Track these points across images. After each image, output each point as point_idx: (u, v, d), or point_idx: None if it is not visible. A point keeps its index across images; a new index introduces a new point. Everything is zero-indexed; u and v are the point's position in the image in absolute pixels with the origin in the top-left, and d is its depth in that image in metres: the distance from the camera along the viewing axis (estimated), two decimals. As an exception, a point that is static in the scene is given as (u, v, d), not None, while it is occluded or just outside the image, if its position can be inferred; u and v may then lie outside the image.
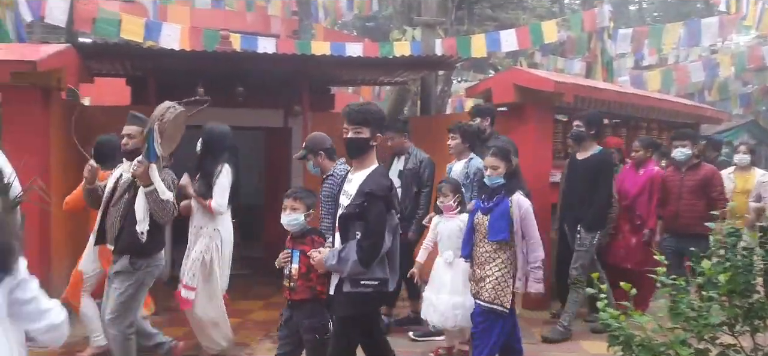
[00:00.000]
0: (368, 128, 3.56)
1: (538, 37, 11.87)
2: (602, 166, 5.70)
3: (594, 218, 5.64)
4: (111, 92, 9.16)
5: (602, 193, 5.64)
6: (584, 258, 5.65)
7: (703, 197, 5.79)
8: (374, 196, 3.38)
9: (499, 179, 4.27)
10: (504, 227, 4.18)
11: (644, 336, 3.01)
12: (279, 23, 14.54)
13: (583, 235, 5.63)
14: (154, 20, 10.35)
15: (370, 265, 3.38)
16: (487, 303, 4.21)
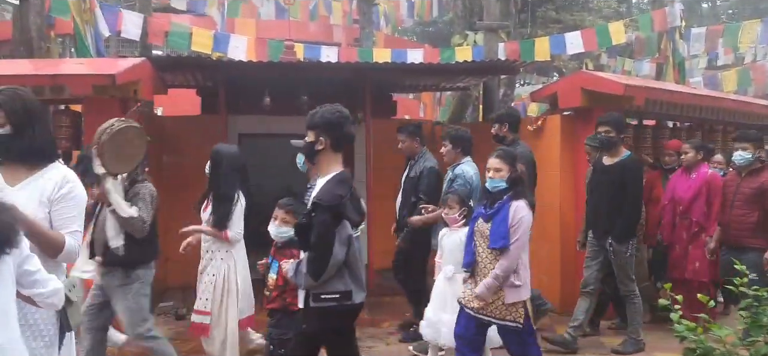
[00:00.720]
0: (314, 132, 3.40)
1: (604, 38, 11.56)
2: (631, 172, 5.33)
3: (624, 228, 5.27)
4: (183, 102, 9.53)
5: (632, 201, 5.29)
6: (626, 272, 5.34)
7: (758, 207, 5.28)
8: (320, 206, 3.20)
9: (501, 183, 4.05)
10: (504, 234, 3.93)
11: (724, 349, 2.89)
12: (341, 32, 14.79)
13: (616, 247, 5.28)
14: (222, 32, 10.71)
15: (320, 278, 3.21)
16: (497, 319, 3.99)
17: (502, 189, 4.04)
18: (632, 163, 5.37)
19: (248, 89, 7.13)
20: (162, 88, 7.07)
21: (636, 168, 5.40)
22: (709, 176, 5.89)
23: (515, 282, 3.94)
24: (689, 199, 5.90)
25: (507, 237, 3.90)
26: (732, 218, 5.39)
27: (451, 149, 5.37)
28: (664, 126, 7.53)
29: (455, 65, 7.61)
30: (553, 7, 16.57)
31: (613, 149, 5.37)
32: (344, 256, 3.24)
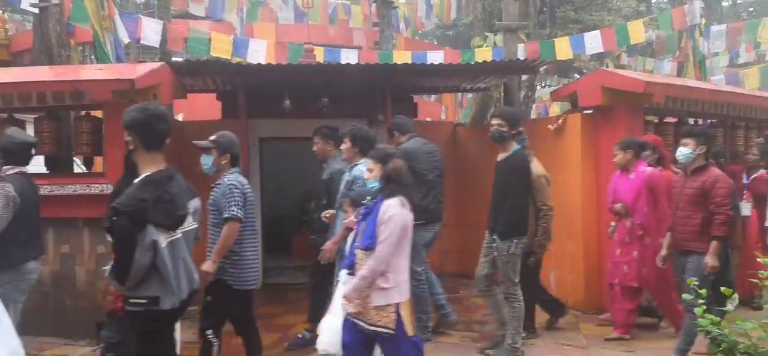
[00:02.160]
0: (127, 133, 3.35)
1: (624, 37, 11.47)
2: (516, 168, 5.12)
3: (507, 225, 5.04)
4: (204, 107, 9.64)
5: (514, 197, 5.06)
6: (508, 271, 5.09)
7: (701, 208, 4.88)
8: (117, 211, 3.09)
9: (374, 183, 4.00)
10: (371, 233, 3.78)
11: (749, 343, 2.85)
12: (361, 35, 14.85)
13: (499, 244, 5.06)
14: (241, 37, 10.81)
15: (124, 283, 3.14)
16: (370, 325, 3.78)
17: (378, 189, 3.96)
18: (518, 159, 5.15)
19: (268, 93, 7.20)
20: (182, 92, 7.16)
21: (521, 164, 5.16)
22: (647, 174, 5.66)
23: (382, 284, 3.74)
24: (631, 201, 5.70)
25: (373, 237, 3.76)
26: (676, 220, 5.07)
27: (350, 146, 5.12)
28: (685, 123, 7.46)
29: (474, 65, 7.63)
30: (573, 7, 16.46)
31: (504, 144, 5.15)
32: (148, 261, 3.10)
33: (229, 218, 4.25)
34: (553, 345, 5.65)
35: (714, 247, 4.81)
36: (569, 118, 6.91)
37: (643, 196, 5.64)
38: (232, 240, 4.27)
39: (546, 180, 5.58)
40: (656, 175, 5.70)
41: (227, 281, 4.32)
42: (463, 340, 5.80)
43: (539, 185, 5.49)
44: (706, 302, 2.89)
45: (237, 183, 4.35)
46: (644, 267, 5.62)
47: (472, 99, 13.61)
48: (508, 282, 5.11)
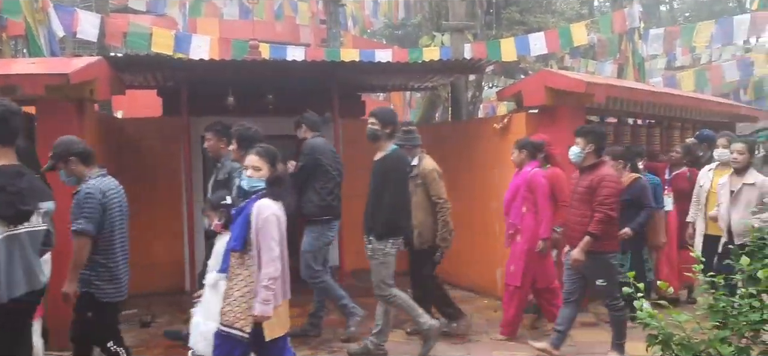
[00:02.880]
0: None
1: (567, 39, 11.77)
2: (390, 167, 5.01)
3: (384, 226, 4.95)
4: (144, 104, 9.35)
5: (386, 197, 4.95)
6: (382, 271, 4.99)
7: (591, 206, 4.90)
8: None
9: (259, 183, 3.77)
10: (237, 236, 3.67)
11: (684, 335, 2.94)
12: (308, 32, 14.71)
13: (375, 245, 4.98)
14: (184, 33, 10.54)
15: None
16: (225, 327, 3.68)
17: (258, 189, 3.77)
18: (392, 159, 5.03)
19: (211, 90, 7.02)
20: (120, 88, 6.92)
21: (396, 164, 5.04)
22: (529, 175, 5.60)
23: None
24: (508, 200, 5.74)
25: (239, 238, 3.65)
26: (569, 219, 5.11)
27: (237, 148, 4.94)
28: (625, 123, 7.69)
29: (421, 64, 7.64)
30: (518, 9, 16.75)
31: (379, 143, 5.07)
32: None
33: (75, 231, 3.92)
34: (495, 341, 5.71)
35: (584, 242, 4.83)
36: (514, 117, 7.00)
37: (519, 196, 5.63)
38: (83, 256, 3.93)
39: (438, 174, 5.60)
40: (537, 175, 5.59)
41: (94, 294, 4.03)
42: (409, 339, 5.79)
43: (432, 180, 5.53)
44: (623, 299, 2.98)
45: (96, 191, 3.98)
46: (512, 265, 5.65)
47: (420, 99, 13.68)
48: (382, 284, 5.00)
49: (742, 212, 5.33)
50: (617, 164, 5.88)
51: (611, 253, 4.99)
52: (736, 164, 5.47)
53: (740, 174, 5.46)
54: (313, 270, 5.64)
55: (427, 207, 5.57)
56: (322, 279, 5.68)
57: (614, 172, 5.17)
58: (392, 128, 5.09)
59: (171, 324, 6.28)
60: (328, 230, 5.68)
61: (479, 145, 7.36)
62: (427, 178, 5.54)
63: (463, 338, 5.80)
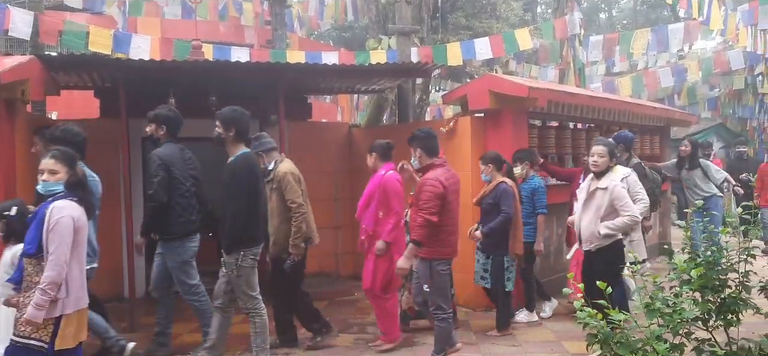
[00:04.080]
0: None
1: (511, 45, 11.99)
2: (235, 172, 4.68)
3: (230, 237, 4.68)
4: (81, 105, 9.01)
5: (233, 205, 4.65)
6: (241, 285, 4.72)
7: None
8: None
9: (55, 186, 3.59)
10: (31, 239, 3.48)
11: (622, 333, 3.02)
12: (252, 33, 14.48)
13: (226, 258, 4.71)
14: (123, 32, 10.21)
15: None
16: (21, 338, 3.44)
17: (54, 192, 3.59)
18: (237, 164, 4.70)
19: (152, 91, 6.81)
20: (55, 89, 6.65)
21: (241, 169, 4.69)
22: (382, 179, 5.36)
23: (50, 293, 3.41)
24: (361, 206, 5.50)
25: (33, 242, 3.46)
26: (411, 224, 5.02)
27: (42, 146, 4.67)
28: (566, 127, 7.89)
29: (368, 67, 7.64)
30: (463, 14, 17.00)
31: (226, 148, 4.81)
32: None
33: None
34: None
35: (408, 249, 4.73)
36: (460, 121, 7.08)
37: (374, 201, 5.38)
38: None
39: (294, 178, 5.27)
40: (390, 178, 5.36)
41: None
42: (357, 342, 5.77)
43: (286, 184, 5.19)
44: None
45: None
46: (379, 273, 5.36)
47: (368, 101, 13.68)
48: (245, 297, 4.75)
49: (591, 217, 5.08)
50: (487, 167, 5.93)
51: (437, 260, 4.79)
52: (594, 167, 5.19)
53: (598, 178, 5.16)
54: (187, 285, 5.22)
55: (282, 213, 5.22)
56: (199, 297, 5.23)
57: (438, 175, 4.79)
58: (237, 129, 4.72)
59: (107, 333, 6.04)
60: (190, 243, 5.21)
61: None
62: (281, 182, 5.20)
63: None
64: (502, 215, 5.68)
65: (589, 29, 21.71)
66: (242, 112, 4.84)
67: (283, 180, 5.21)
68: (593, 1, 32.55)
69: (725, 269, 3.53)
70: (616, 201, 4.96)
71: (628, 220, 4.93)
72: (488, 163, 5.93)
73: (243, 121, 4.79)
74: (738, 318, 3.53)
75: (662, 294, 3.23)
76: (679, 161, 8.40)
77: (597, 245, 5.01)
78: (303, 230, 5.22)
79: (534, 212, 6.24)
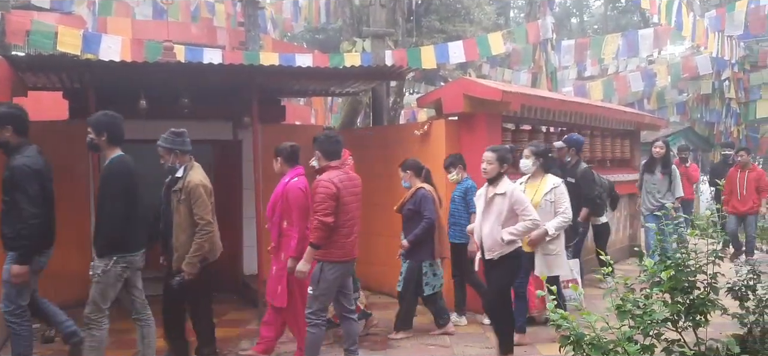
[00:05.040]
0: None
1: (485, 48, 12.10)
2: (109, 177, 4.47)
3: (102, 240, 4.42)
4: (49, 106, 8.82)
5: (107, 208, 4.40)
6: (97, 292, 4.42)
7: None
8: None
9: None
10: None
11: (594, 334, 3.06)
12: (225, 35, 14.36)
13: (96, 262, 4.43)
14: (93, 32, 10.04)
15: None
16: None
17: None
18: (113, 167, 4.49)
19: (122, 92, 6.71)
20: (22, 90, 6.50)
21: (114, 174, 4.47)
22: (286, 186, 5.11)
23: None
24: (268, 214, 5.18)
25: None
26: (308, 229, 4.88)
27: None
28: (538, 130, 7.97)
29: (343, 70, 7.62)
30: (437, 17, 17.11)
31: (100, 152, 4.66)
32: None
33: None
34: (417, 345, 5.76)
35: (307, 253, 4.57)
36: (434, 124, 7.11)
37: (278, 209, 5.12)
38: None
39: (206, 191, 4.82)
40: (292, 187, 5.05)
41: None
42: (331, 347, 5.74)
43: (197, 197, 4.75)
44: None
45: None
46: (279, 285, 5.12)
47: (342, 104, 13.67)
48: (93, 306, 4.44)
49: (492, 224, 4.91)
50: (406, 174, 5.91)
51: (329, 263, 4.60)
52: (485, 174, 5.00)
53: (494, 184, 4.95)
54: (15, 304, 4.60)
55: (189, 227, 4.78)
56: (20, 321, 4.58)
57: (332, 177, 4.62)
58: (109, 133, 4.50)
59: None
60: (41, 257, 4.68)
61: (400, 150, 7.41)
62: (192, 194, 4.75)
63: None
64: (425, 221, 5.69)
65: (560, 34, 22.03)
66: (114, 116, 4.61)
67: (193, 192, 4.75)
68: (565, 6, 33.01)
69: (694, 270, 3.60)
70: (516, 206, 4.86)
71: (529, 224, 4.85)
72: (407, 169, 5.91)
73: (115, 124, 4.57)
74: (706, 318, 3.61)
75: (633, 296, 3.28)
76: (649, 163, 8.31)
77: (499, 253, 4.88)
78: (204, 249, 4.77)
79: (467, 213, 6.11)
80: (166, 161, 4.94)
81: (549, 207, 5.45)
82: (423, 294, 5.89)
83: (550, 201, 5.46)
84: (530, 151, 5.63)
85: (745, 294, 4.43)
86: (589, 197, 7.04)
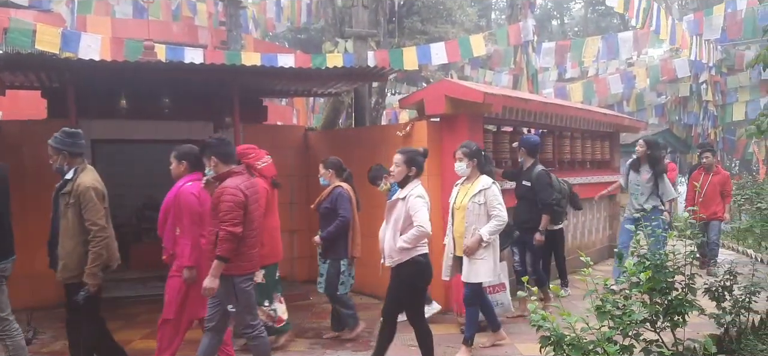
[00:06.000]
0: None
1: (466, 50, 12.16)
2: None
3: None
4: (27, 105, 8.70)
5: None
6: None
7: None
8: None
9: None
10: None
11: (574, 335, 3.09)
12: (206, 34, 14.26)
13: None
14: (72, 30, 9.91)
15: None
16: None
17: None
18: None
19: (102, 92, 6.64)
20: (-1, 88, 6.40)
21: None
22: (177, 191, 4.75)
23: None
24: (160, 221, 4.81)
25: None
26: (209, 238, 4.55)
27: None
28: (519, 131, 8.02)
29: (325, 71, 7.61)
30: (419, 18, 17.15)
31: None
32: None
33: None
34: (399, 345, 5.76)
35: (214, 267, 4.14)
36: (416, 125, 7.12)
37: (171, 216, 4.72)
38: None
39: (98, 194, 4.41)
40: (185, 191, 4.66)
41: None
42: (312, 347, 5.74)
43: (87, 201, 4.34)
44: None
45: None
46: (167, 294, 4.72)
47: (324, 104, 13.65)
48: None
49: (391, 231, 4.68)
50: (327, 172, 5.83)
51: (240, 276, 4.31)
52: (392, 178, 4.84)
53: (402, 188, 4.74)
54: None
55: (79, 234, 4.38)
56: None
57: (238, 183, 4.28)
58: None
59: (55, 340, 5.87)
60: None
61: (382, 151, 7.41)
62: (82, 198, 4.34)
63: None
64: (340, 219, 5.60)
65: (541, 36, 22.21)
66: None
67: (83, 196, 4.35)
68: (546, 8, 33.29)
69: (672, 271, 3.66)
70: (410, 211, 4.56)
71: (415, 232, 4.49)
72: (329, 167, 5.83)
73: None
74: (684, 319, 3.67)
75: (613, 297, 3.33)
76: (634, 162, 7.59)
77: (397, 261, 4.60)
78: (103, 256, 4.39)
79: None
80: (54, 162, 4.53)
81: (478, 210, 5.18)
82: (336, 293, 5.75)
83: (478, 204, 5.18)
84: (463, 153, 5.35)
85: (721, 295, 4.53)
86: (544, 202, 6.53)
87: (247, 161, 5.07)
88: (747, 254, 10.31)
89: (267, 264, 5.31)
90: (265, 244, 5.06)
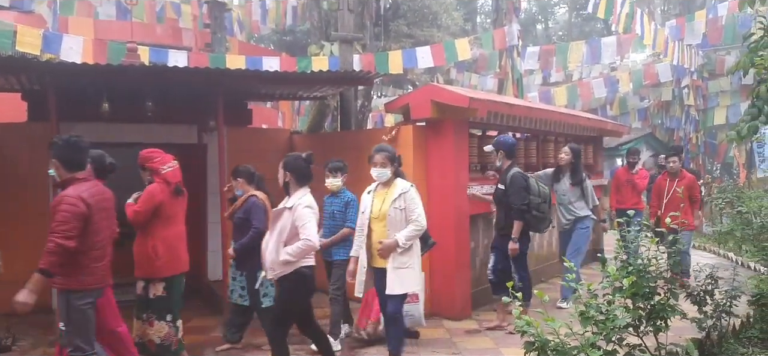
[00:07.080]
0: None
1: (452, 54, 12.20)
2: None
3: None
4: (6, 108, 8.57)
5: None
6: None
7: None
8: None
9: None
10: None
11: (558, 340, 3.11)
12: (191, 36, 14.17)
13: None
14: (54, 32, 9.79)
15: None
16: None
17: None
18: None
19: (84, 94, 6.56)
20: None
21: None
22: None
23: None
24: None
25: None
26: None
27: None
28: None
29: (310, 75, 7.58)
30: (405, 22, 17.18)
31: None
32: None
33: None
34: (380, 348, 5.73)
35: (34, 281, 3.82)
36: (402, 129, 7.13)
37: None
38: None
39: None
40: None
41: None
42: (296, 353, 5.70)
43: None
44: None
45: None
46: None
47: (309, 107, 13.61)
48: None
49: (275, 242, 4.45)
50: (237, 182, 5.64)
51: (77, 292, 3.98)
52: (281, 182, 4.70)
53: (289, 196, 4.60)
54: None
55: None
56: None
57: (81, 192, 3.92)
58: None
59: (35, 347, 5.78)
60: None
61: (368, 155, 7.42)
62: None
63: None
64: (253, 230, 5.35)
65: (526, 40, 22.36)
66: None
67: None
68: (530, 12, 33.49)
69: (655, 277, 3.69)
70: (297, 222, 4.35)
71: (302, 245, 4.30)
72: (238, 177, 5.65)
73: None
74: (667, 323, 3.70)
75: (596, 302, 3.35)
76: (556, 171, 7.41)
77: (279, 274, 4.41)
78: None
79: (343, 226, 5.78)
80: None
81: (400, 215, 4.88)
82: (260, 306, 5.52)
83: (399, 209, 4.89)
84: (385, 157, 5.01)
85: (703, 299, 4.58)
86: (516, 207, 6.11)
87: (151, 166, 4.98)
88: (728, 258, 10.42)
89: (168, 276, 5.00)
90: (160, 255, 4.86)
